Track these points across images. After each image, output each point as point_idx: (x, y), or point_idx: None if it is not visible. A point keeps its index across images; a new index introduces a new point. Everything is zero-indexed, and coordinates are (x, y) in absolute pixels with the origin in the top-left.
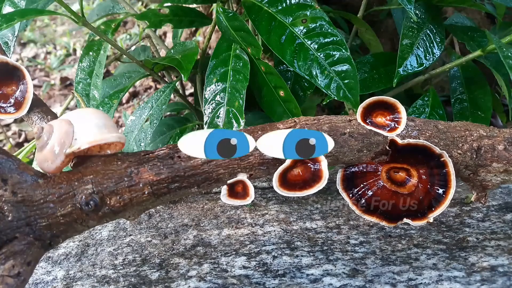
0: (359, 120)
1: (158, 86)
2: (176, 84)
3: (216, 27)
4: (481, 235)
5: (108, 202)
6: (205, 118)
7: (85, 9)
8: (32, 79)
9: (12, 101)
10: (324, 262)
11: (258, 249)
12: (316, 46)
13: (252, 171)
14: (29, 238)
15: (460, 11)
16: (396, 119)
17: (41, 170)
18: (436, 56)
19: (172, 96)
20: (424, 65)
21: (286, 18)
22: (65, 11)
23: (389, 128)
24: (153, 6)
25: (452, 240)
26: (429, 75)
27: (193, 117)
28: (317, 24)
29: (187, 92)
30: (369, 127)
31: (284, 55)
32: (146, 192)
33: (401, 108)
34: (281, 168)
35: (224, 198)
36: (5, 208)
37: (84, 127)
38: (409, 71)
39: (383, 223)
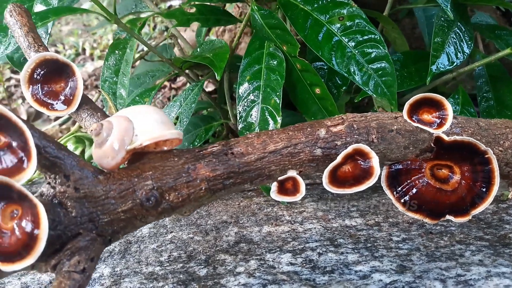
0: (406, 117)
1: (172, 85)
2: None
3: (242, 26)
4: None
5: (167, 198)
6: (238, 116)
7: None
8: None
9: (62, 98)
10: (370, 259)
11: (302, 246)
12: (353, 44)
13: (302, 167)
14: (92, 234)
15: (472, 11)
16: (442, 116)
17: (98, 167)
18: (467, 55)
19: None
20: (455, 63)
21: (322, 16)
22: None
23: (435, 125)
24: (163, 5)
25: (493, 237)
26: (457, 73)
27: (218, 115)
28: (355, 22)
29: (206, 90)
30: (415, 124)
31: (322, 52)
32: (203, 188)
33: (448, 105)
34: (331, 165)
35: (274, 195)
36: (68, 204)
37: (144, 123)
38: (441, 69)
39: (426, 220)
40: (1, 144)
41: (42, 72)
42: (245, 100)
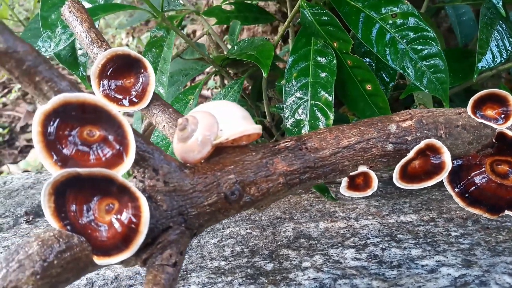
0: (470, 112)
1: (193, 84)
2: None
3: (286, 23)
4: None
5: (248, 191)
6: (285, 113)
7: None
8: None
9: (134, 93)
10: (434, 254)
11: (363, 242)
12: (406, 41)
13: (374, 163)
14: (181, 228)
15: None
16: (506, 112)
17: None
18: (510, 52)
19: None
20: (499, 60)
21: (374, 13)
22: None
23: (500, 121)
24: None
25: None
26: (496, 71)
27: (252, 113)
28: (408, 19)
29: None
30: (479, 120)
31: (377, 48)
32: (281, 182)
33: None
34: (403, 161)
35: (343, 190)
36: (158, 198)
37: (228, 118)
38: (487, 66)
39: (486, 215)
40: (96, 137)
41: (112, 68)
42: (292, 97)
